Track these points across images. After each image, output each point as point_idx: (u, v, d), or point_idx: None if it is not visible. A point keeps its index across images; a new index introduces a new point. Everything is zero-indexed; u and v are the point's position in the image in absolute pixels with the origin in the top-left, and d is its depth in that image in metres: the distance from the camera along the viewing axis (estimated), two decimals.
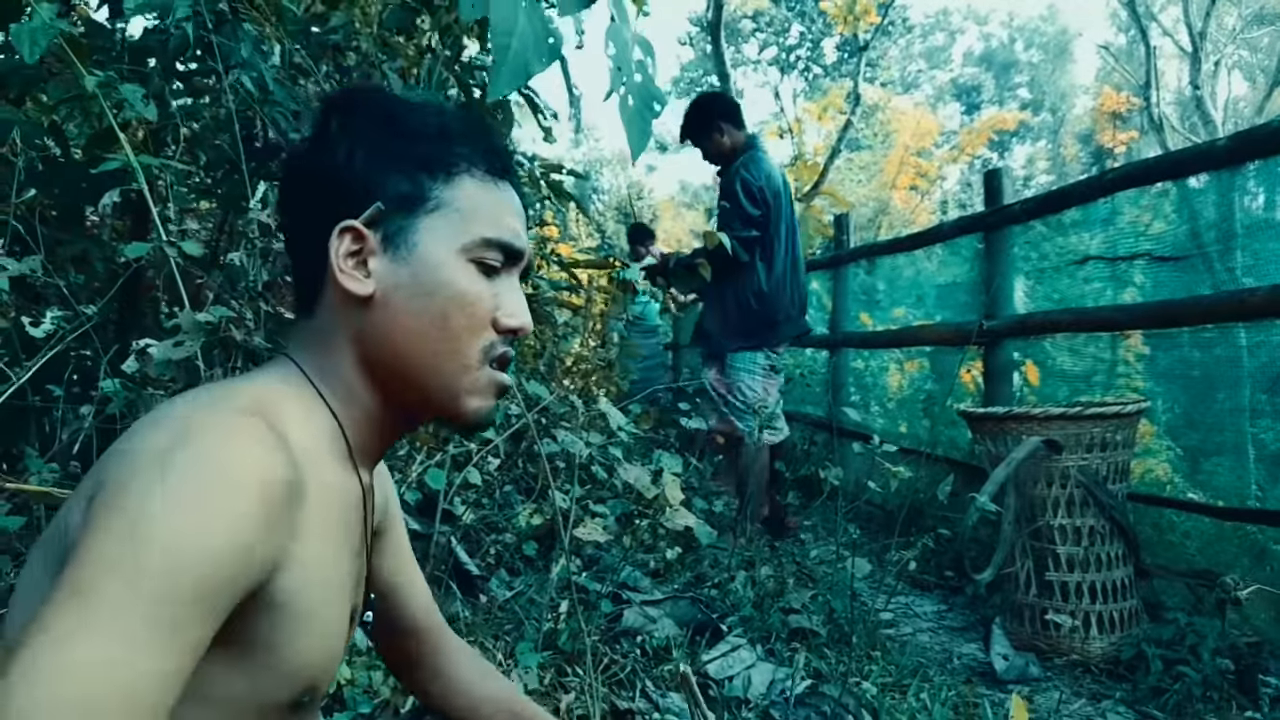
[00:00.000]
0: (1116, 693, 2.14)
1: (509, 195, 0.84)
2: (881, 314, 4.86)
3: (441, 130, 0.82)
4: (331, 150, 0.80)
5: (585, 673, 1.75)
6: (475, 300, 0.79)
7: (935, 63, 35.56)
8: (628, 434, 2.42)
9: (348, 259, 0.78)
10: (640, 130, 2.07)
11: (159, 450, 0.62)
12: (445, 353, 0.79)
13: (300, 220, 0.83)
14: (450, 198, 0.80)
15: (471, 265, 0.79)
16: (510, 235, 0.81)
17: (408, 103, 0.83)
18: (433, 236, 0.79)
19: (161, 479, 0.60)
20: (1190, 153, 2.65)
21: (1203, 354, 2.79)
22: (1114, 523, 2.37)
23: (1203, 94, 15.68)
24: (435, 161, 0.80)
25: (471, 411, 0.81)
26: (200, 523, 0.59)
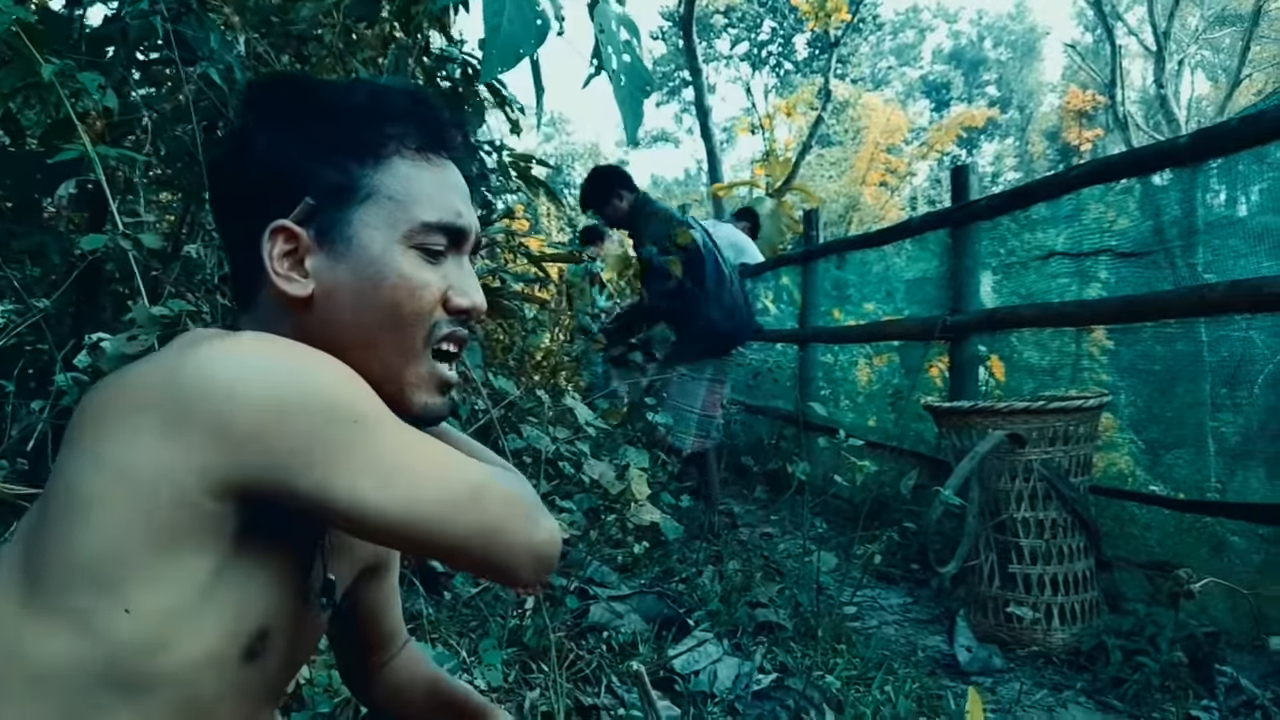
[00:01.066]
0: (1077, 683, 2.17)
1: (448, 172, 0.81)
2: (851, 309, 4.89)
3: (368, 109, 0.78)
4: (254, 144, 0.77)
5: (550, 669, 1.74)
6: (421, 286, 0.77)
7: (905, 60, 35.82)
8: (595, 429, 2.42)
9: (282, 260, 0.75)
10: (634, 111, 2.06)
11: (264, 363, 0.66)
12: (390, 344, 0.77)
13: (231, 217, 0.81)
14: (383, 184, 0.76)
15: (414, 252, 0.77)
16: (452, 216, 0.79)
17: (332, 85, 0.80)
18: (369, 228, 0.76)
19: (313, 379, 0.67)
20: (1153, 150, 2.69)
21: (1164, 349, 2.83)
22: (1076, 515, 2.40)
23: (1167, 93, 15.92)
24: (363, 146, 0.76)
25: (419, 406, 0.80)
26: (343, 374, 0.70)
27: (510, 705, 1.71)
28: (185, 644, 0.66)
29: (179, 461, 0.63)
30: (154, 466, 0.63)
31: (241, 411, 0.63)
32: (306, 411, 0.65)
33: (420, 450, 0.70)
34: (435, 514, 0.68)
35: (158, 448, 0.63)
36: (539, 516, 0.74)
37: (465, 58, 2.96)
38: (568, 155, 32.58)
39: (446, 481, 0.70)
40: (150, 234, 1.71)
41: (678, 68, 25.35)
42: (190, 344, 0.68)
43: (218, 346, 0.66)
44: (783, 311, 5.80)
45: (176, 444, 0.63)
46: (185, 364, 0.65)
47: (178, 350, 0.68)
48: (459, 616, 2.06)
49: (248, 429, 0.63)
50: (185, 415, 0.63)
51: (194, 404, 0.64)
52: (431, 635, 1.89)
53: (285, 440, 0.64)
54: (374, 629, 1.07)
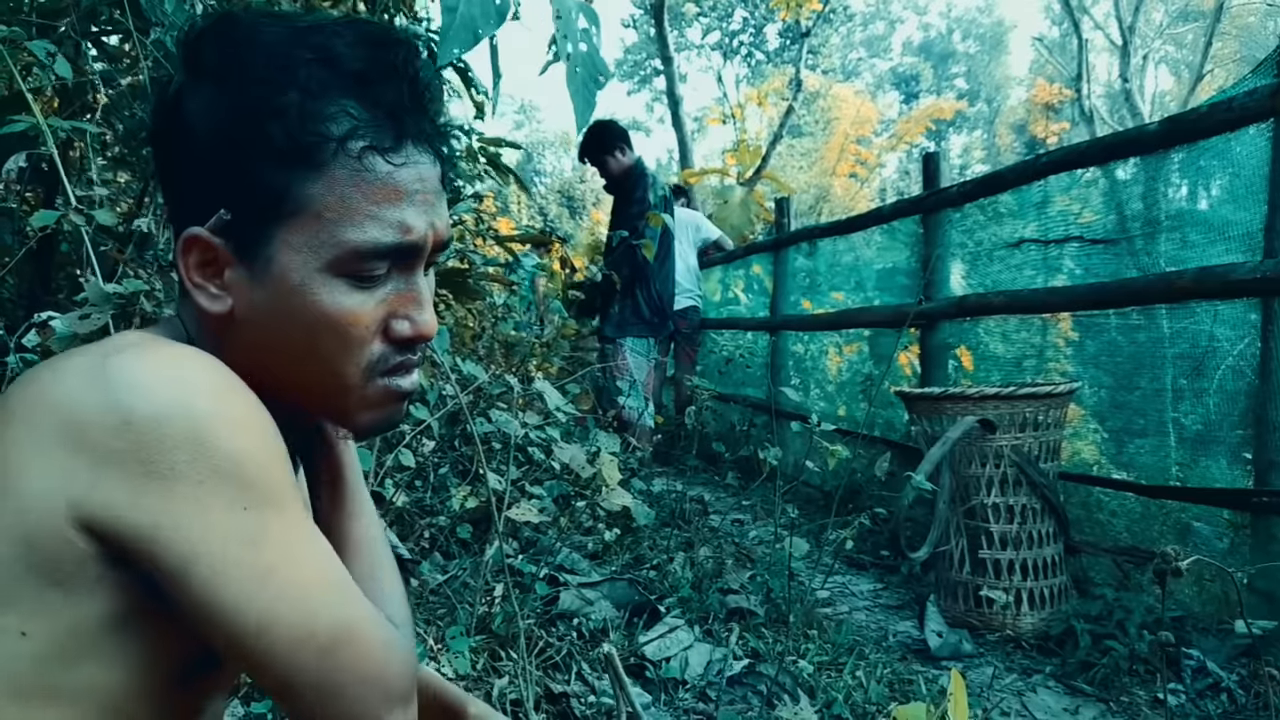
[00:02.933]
0: (1046, 667, 2.18)
1: (402, 173, 0.66)
2: (821, 298, 4.89)
3: (309, 92, 0.63)
4: (171, 125, 0.66)
5: (519, 657, 1.72)
6: (349, 322, 0.66)
7: (875, 51, 36.00)
8: (565, 414, 2.38)
9: (200, 269, 0.66)
10: (585, 100, 2.02)
11: (140, 398, 0.57)
12: (320, 375, 0.68)
13: (165, 193, 0.72)
14: (313, 198, 0.63)
15: (341, 281, 0.65)
16: (396, 235, 0.65)
17: (272, 51, 0.63)
18: (290, 250, 0.64)
19: (188, 428, 0.57)
20: (1122, 138, 2.69)
21: (1128, 340, 2.86)
22: (1045, 501, 2.41)
23: (1131, 87, 16.13)
24: (294, 150, 0.62)
25: (365, 425, 0.72)
26: (248, 422, 0.61)
27: (479, 693, 1.68)
28: (99, 672, 0.60)
29: (56, 486, 0.56)
30: (38, 489, 0.57)
31: (132, 444, 0.56)
32: (203, 464, 0.57)
33: (308, 560, 0.62)
34: (284, 644, 0.59)
35: (45, 467, 0.57)
36: (397, 699, 0.65)
37: (430, 37, 2.90)
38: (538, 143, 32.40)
39: (316, 612, 0.60)
40: (104, 210, 1.65)
41: (649, 56, 25.30)
42: (113, 351, 0.60)
43: (134, 363, 0.59)
44: (754, 300, 5.79)
45: (60, 466, 0.57)
46: (95, 378, 0.58)
47: (99, 356, 0.60)
48: (426, 604, 2.02)
49: (130, 466, 0.56)
50: (78, 436, 0.57)
51: (89, 426, 0.56)
52: None
53: (165, 493, 0.56)
54: None
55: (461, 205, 2.00)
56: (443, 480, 2.59)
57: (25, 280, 2.51)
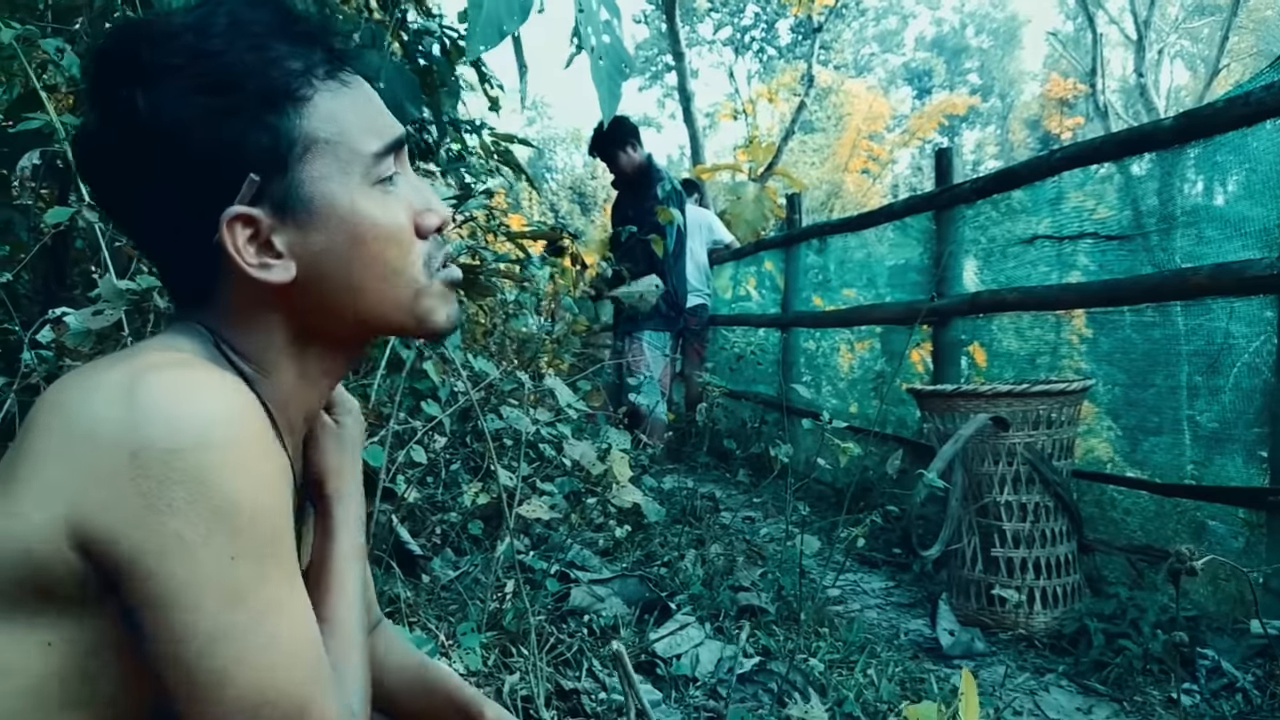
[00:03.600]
0: (1059, 666, 2.16)
1: (359, 86, 0.72)
2: (833, 295, 4.88)
3: (255, 47, 0.66)
4: (152, 131, 0.65)
5: (530, 653, 1.72)
6: (400, 225, 0.71)
7: (888, 46, 35.85)
8: (576, 410, 2.38)
9: (249, 247, 0.67)
10: (610, 92, 2.02)
11: (158, 438, 0.56)
12: (393, 288, 0.71)
13: (143, 215, 0.70)
14: (313, 128, 0.67)
15: (375, 190, 0.70)
16: (389, 132, 0.71)
17: (198, 30, 0.66)
18: (324, 181, 0.68)
19: (195, 466, 0.57)
20: (1137, 133, 2.67)
21: (1142, 337, 2.84)
22: (1058, 499, 2.39)
23: (1146, 82, 16.00)
24: (277, 95, 0.66)
25: (444, 321, 0.75)
26: (257, 470, 0.60)
27: (490, 689, 1.68)
28: (118, 687, 0.61)
29: (62, 503, 0.57)
30: (45, 503, 0.57)
31: (137, 474, 0.56)
32: (201, 505, 0.57)
33: (284, 625, 0.61)
34: (239, 705, 0.58)
35: (55, 482, 0.57)
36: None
37: (444, 33, 2.91)
38: (549, 140, 32.40)
39: (277, 681, 0.60)
40: None
41: (660, 52, 25.26)
42: (145, 370, 0.60)
43: (159, 390, 0.58)
44: (765, 297, 5.78)
45: (70, 484, 0.57)
46: (120, 400, 0.58)
47: (130, 374, 0.59)
48: (438, 600, 2.03)
49: (132, 496, 0.56)
50: (92, 456, 0.57)
51: (103, 450, 0.57)
52: (410, 619, 1.86)
53: (158, 528, 0.56)
54: None
55: (473, 202, 2.00)
56: (454, 476, 2.59)
57: (40, 276, 2.52)
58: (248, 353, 0.71)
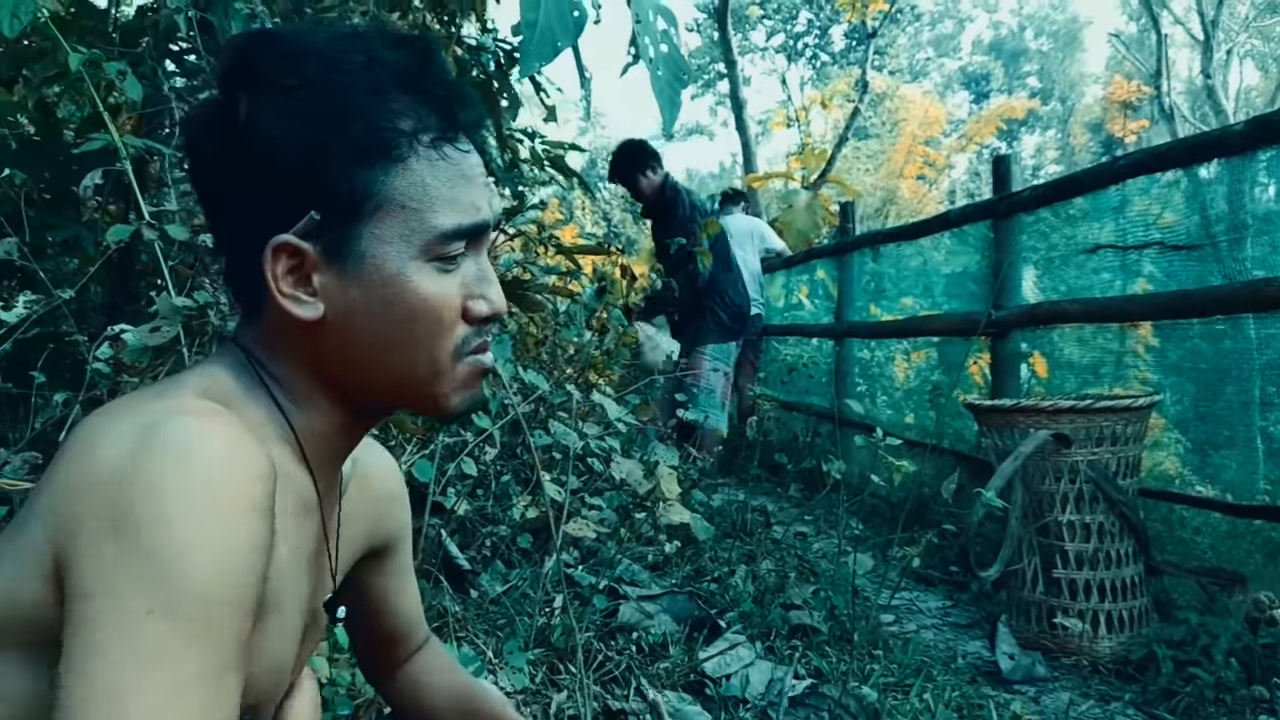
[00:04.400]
0: (1126, 694, 2.08)
1: (467, 159, 0.70)
2: (888, 304, 4.80)
3: (376, 95, 0.66)
4: (243, 139, 0.66)
5: (577, 670, 1.70)
6: (440, 305, 0.69)
7: (944, 51, 35.33)
8: (626, 424, 2.37)
9: (287, 278, 0.67)
10: (671, 100, 2.02)
11: (144, 472, 0.55)
12: (413, 363, 0.70)
13: (223, 212, 0.71)
14: (396, 190, 0.67)
15: (430, 265, 0.68)
16: (472, 215, 0.70)
17: (328, 58, 0.66)
18: (381, 243, 0.67)
19: (163, 508, 0.54)
20: (1204, 139, 2.58)
21: (1212, 346, 2.73)
22: (1124, 519, 2.31)
23: (1214, 83, 15.51)
24: (374, 147, 0.66)
25: (456, 406, 0.74)
26: (222, 548, 0.56)
27: (536, 708, 1.67)
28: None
29: (56, 533, 0.56)
30: (49, 531, 0.57)
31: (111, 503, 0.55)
32: (149, 545, 0.53)
33: (169, 711, 0.52)
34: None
35: (60, 512, 0.57)
36: None
37: (499, 46, 2.92)
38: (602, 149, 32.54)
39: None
40: (176, 225, 1.68)
41: (712, 60, 25.20)
42: (170, 415, 0.59)
43: (169, 441, 0.57)
44: (818, 306, 5.71)
45: (66, 514, 0.56)
46: (132, 441, 0.57)
47: (154, 417, 0.58)
48: (486, 614, 2.02)
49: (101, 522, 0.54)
50: (86, 489, 0.56)
51: (101, 484, 0.56)
52: (459, 634, 1.86)
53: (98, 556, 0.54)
54: (384, 620, 0.99)
55: (524, 216, 2.00)
56: (504, 488, 2.60)
57: (107, 289, 2.59)
58: (282, 379, 0.71)
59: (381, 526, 0.93)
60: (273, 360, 0.71)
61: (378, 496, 0.91)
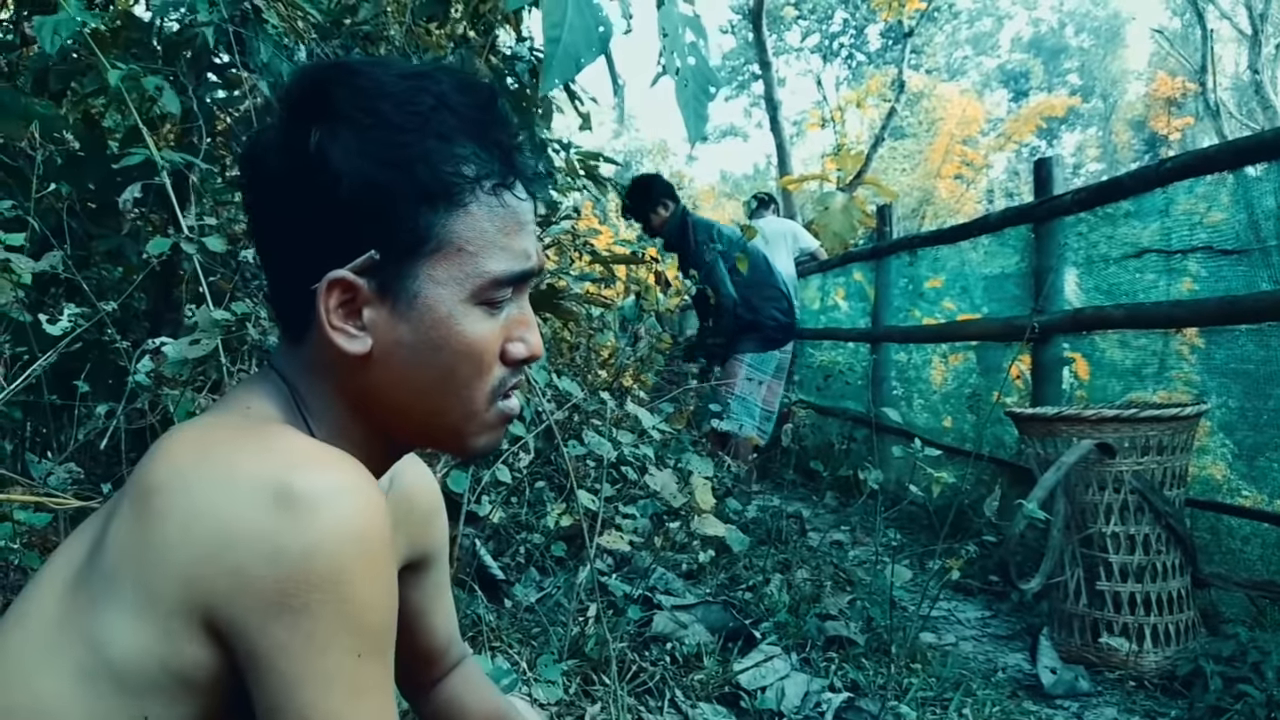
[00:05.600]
0: (1172, 711, 2.03)
1: (521, 207, 0.72)
2: (926, 307, 4.74)
3: (443, 137, 0.68)
4: (310, 170, 0.67)
5: (611, 682, 1.70)
6: (484, 348, 0.71)
7: (982, 49, 34.90)
8: (659, 432, 2.36)
9: (338, 311, 0.68)
10: (697, 114, 2.01)
11: (310, 542, 0.58)
12: (451, 404, 0.72)
13: (279, 237, 0.72)
14: (455, 234, 0.68)
15: (479, 309, 0.70)
16: (523, 262, 0.71)
17: (400, 99, 0.68)
18: (435, 284, 0.68)
19: (342, 573, 0.59)
20: (1253, 141, 2.51)
21: (1260, 349, 2.66)
22: (1171, 531, 2.26)
23: (1262, 78, 15.14)
24: (438, 192, 0.67)
25: (481, 448, 0.76)
26: (388, 588, 0.63)
27: (571, 719, 1.66)
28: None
29: (195, 589, 0.59)
30: (175, 585, 0.59)
31: (277, 575, 0.58)
32: (336, 606, 0.59)
33: (387, 711, 0.64)
34: None
35: (188, 567, 0.59)
36: None
37: (534, 56, 2.93)
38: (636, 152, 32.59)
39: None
40: (215, 237, 1.70)
41: (747, 61, 25.14)
42: (290, 469, 0.61)
43: (303, 489, 0.60)
44: (854, 309, 5.66)
45: (204, 572, 0.59)
46: (261, 497, 0.59)
47: (274, 470, 0.61)
48: (520, 624, 2.03)
49: (269, 594, 0.58)
50: (228, 550, 0.59)
51: (240, 545, 0.59)
52: (493, 644, 1.86)
53: (292, 625, 0.59)
54: (420, 635, 0.99)
55: (556, 227, 2.01)
56: (539, 494, 2.60)
57: (150, 297, 2.64)
58: (317, 411, 0.72)
59: (420, 542, 0.94)
60: (311, 391, 0.72)
61: (416, 512, 0.92)
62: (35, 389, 1.61)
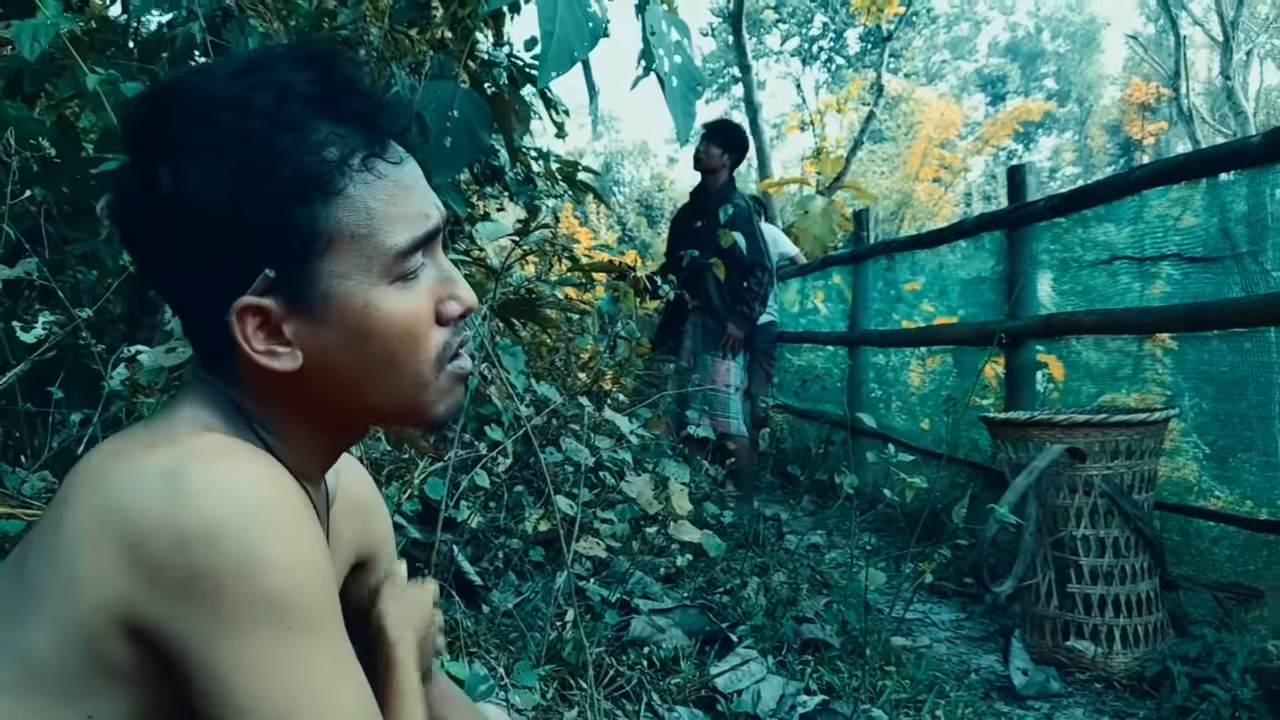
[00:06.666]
0: (1140, 711, 2.07)
1: (402, 169, 0.68)
2: (904, 310, 4.78)
3: (293, 129, 0.63)
4: (173, 211, 0.63)
5: (588, 686, 1.71)
6: (413, 321, 0.68)
7: (960, 53, 35.20)
8: (637, 438, 2.37)
9: (258, 334, 0.65)
10: (685, 111, 2.03)
11: (209, 527, 0.57)
12: (400, 383, 0.70)
13: (168, 281, 0.69)
14: (341, 222, 0.65)
15: (393, 287, 0.67)
16: (422, 225, 0.68)
17: (237, 104, 0.63)
18: (341, 279, 0.66)
19: (244, 549, 0.58)
20: (1223, 150, 2.57)
21: (1232, 352, 2.70)
22: (1139, 534, 2.29)
23: (1234, 84, 15.36)
24: (308, 186, 0.63)
25: (442, 415, 0.74)
26: (305, 555, 0.61)
27: None
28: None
29: (110, 591, 0.58)
30: (93, 589, 0.58)
31: (184, 562, 0.57)
32: (250, 587, 0.58)
33: (338, 695, 0.61)
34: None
35: (101, 570, 0.58)
36: None
37: (511, 61, 2.94)
38: (617, 153, 32.61)
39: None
40: None
41: (727, 64, 25.19)
42: (192, 457, 0.60)
43: (205, 479, 0.59)
44: (833, 312, 5.70)
45: (117, 573, 0.58)
46: (165, 489, 0.58)
47: (176, 461, 0.60)
48: (498, 629, 2.03)
49: (179, 583, 0.57)
50: (136, 546, 0.57)
51: (148, 539, 0.57)
52: (471, 649, 1.87)
53: (208, 613, 0.57)
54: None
55: (535, 235, 2.02)
56: (517, 499, 2.61)
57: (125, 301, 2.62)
58: (262, 415, 0.70)
59: (366, 534, 0.93)
60: (251, 403, 0.70)
61: (358, 504, 0.91)
62: (8, 395, 1.60)
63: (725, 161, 4.09)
